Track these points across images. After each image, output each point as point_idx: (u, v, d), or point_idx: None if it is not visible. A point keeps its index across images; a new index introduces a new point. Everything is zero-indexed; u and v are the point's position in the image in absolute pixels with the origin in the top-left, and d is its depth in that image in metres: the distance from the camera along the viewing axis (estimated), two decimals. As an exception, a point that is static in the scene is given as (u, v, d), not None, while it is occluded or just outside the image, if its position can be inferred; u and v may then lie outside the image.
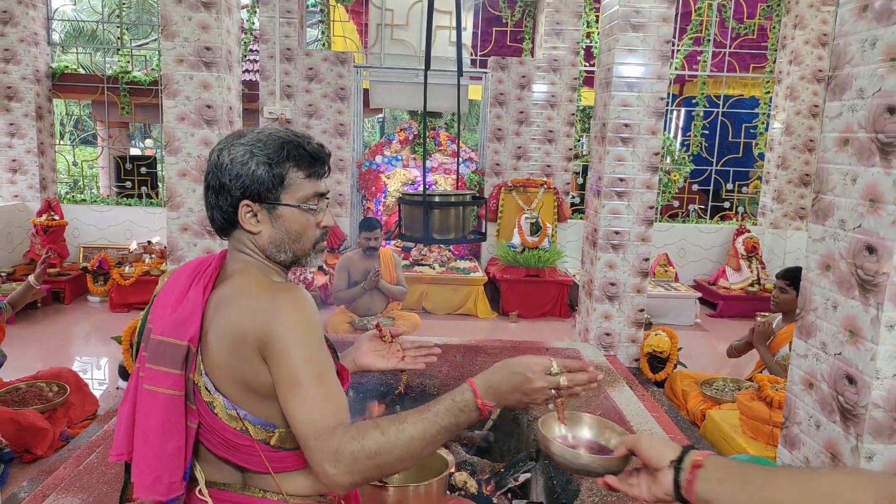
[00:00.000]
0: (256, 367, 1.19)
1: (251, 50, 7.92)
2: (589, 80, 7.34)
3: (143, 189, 7.48)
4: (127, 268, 6.15)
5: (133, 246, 6.49)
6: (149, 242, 6.60)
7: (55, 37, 8.14)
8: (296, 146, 1.27)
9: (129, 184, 7.70)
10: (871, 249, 1.82)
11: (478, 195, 3.47)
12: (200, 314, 1.22)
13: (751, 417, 3.25)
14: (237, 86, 4.53)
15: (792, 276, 3.64)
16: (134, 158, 7.98)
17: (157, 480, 1.19)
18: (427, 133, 7.53)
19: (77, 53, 9.89)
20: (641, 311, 4.52)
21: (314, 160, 1.30)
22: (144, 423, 1.21)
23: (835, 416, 1.96)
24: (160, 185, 8.03)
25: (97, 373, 4.85)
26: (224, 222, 1.30)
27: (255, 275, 1.28)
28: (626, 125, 4.30)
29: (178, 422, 1.21)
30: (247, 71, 8.37)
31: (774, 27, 7.32)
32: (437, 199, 3.26)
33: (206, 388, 1.22)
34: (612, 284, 4.46)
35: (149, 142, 13.91)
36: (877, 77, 1.75)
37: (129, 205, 7.32)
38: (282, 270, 1.34)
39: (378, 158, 7.46)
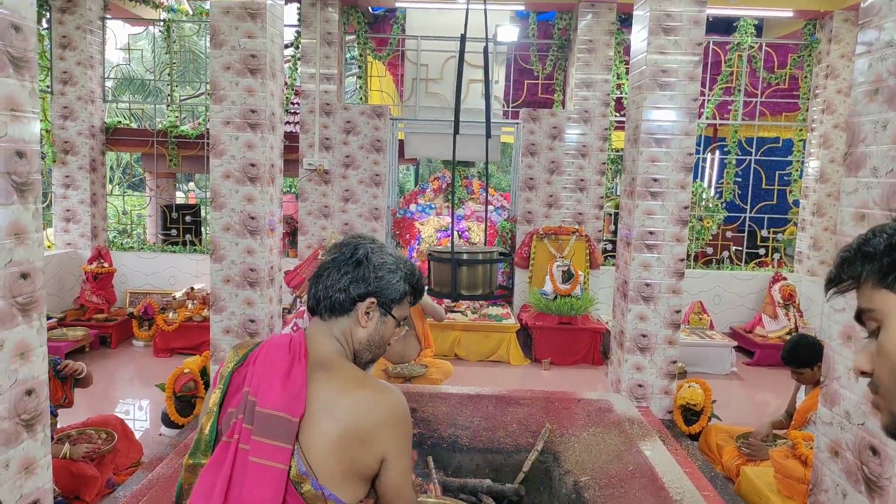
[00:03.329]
0: (364, 459, 1.31)
1: (292, 103, 8.27)
2: (621, 126, 7.45)
3: (188, 237, 7.79)
4: (171, 314, 6.38)
5: (178, 294, 6.74)
6: (191, 289, 6.84)
7: (107, 84, 8.60)
8: (419, 278, 1.53)
9: (174, 231, 8.01)
10: None
11: (505, 252, 3.57)
12: (305, 393, 1.32)
13: (786, 476, 3.22)
14: (279, 144, 4.76)
15: (797, 359, 3.68)
16: (180, 207, 8.33)
17: None
18: (459, 182, 7.71)
19: (129, 104, 10.42)
20: (674, 362, 4.52)
21: (418, 294, 1.54)
22: (251, 496, 1.26)
23: (860, 486, 1.97)
24: (203, 231, 8.35)
25: (139, 414, 5.02)
26: (340, 306, 1.44)
27: (353, 367, 1.43)
28: (655, 179, 4.39)
29: (281, 495, 1.27)
30: (287, 122, 8.73)
31: (806, 77, 7.36)
32: (465, 256, 3.38)
33: (297, 467, 1.29)
34: (644, 336, 4.48)
35: (191, 185, 14.45)
36: (889, 158, 1.82)
37: (174, 251, 7.61)
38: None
39: (412, 207, 7.65)
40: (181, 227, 7.95)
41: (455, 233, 7.64)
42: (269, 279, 4.57)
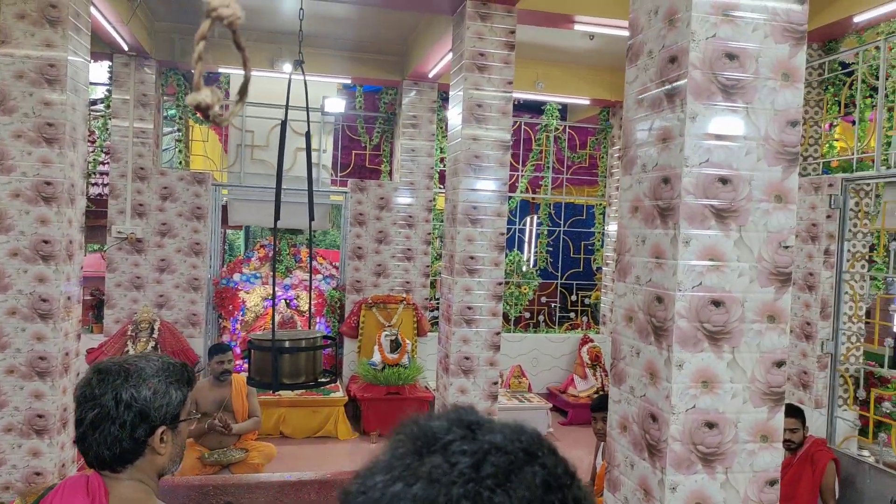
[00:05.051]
0: None
1: (101, 163, 7.69)
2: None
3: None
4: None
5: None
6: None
7: None
8: (186, 370, 1.46)
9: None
10: (659, 299, 2.13)
11: (329, 336, 3.56)
12: None
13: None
14: (80, 218, 4.39)
15: (604, 405, 3.94)
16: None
17: None
18: (287, 250, 7.58)
19: None
20: (493, 432, 4.69)
21: (193, 383, 1.48)
22: None
23: (644, 454, 2.20)
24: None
25: None
26: (132, 453, 1.36)
27: None
28: (472, 257, 4.63)
29: None
30: (95, 184, 8.08)
31: (602, 157, 8.28)
32: (287, 343, 3.31)
33: None
34: (465, 408, 4.62)
35: None
36: (647, 270, 2.12)
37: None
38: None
39: (236, 276, 7.35)
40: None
41: (284, 301, 7.44)
42: (62, 368, 4.12)
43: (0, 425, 3.99)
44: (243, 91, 0.67)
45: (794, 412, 3.91)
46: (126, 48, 6.36)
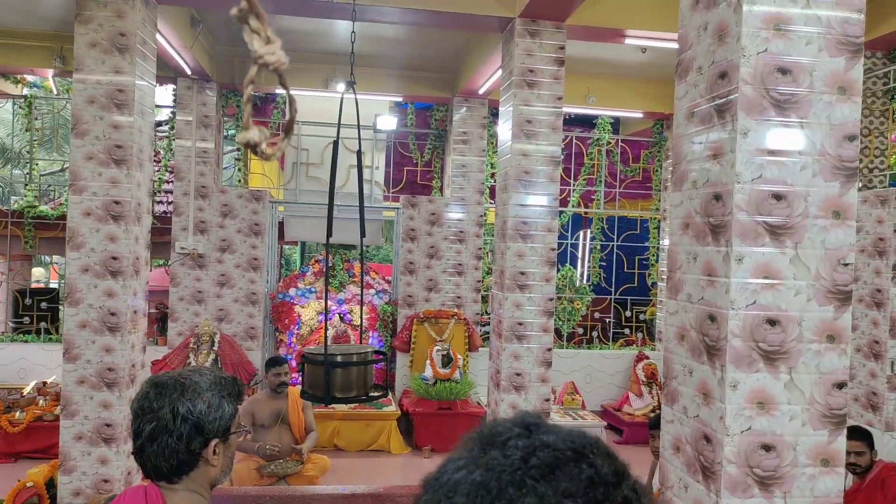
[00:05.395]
0: None
1: (165, 181, 8.03)
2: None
3: (42, 324, 7.19)
4: (17, 413, 5.80)
5: (28, 389, 6.15)
6: (44, 383, 6.28)
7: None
8: (236, 384, 1.52)
9: (27, 319, 7.38)
10: (712, 318, 2.08)
11: (380, 351, 3.61)
12: None
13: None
14: (146, 236, 4.60)
15: (867, 435, 3.82)
16: (34, 292, 7.70)
17: None
18: (341, 265, 7.72)
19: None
20: (545, 449, 4.65)
21: (241, 396, 1.54)
22: None
23: (698, 476, 2.14)
24: (61, 317, 7.73)
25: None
26: (187, 464, 1.42)
27: None
28: (523, 273, 4.63)
29: None
30: (160, 202, 8.43)
31: (657, 170, 8.14)
32: (339, 357, 3.38)
33: None
34: (516, 425, 4.60)
35: (55, 257, 13.33)
36: (699, 288, 2.09)
37: (26, 341, 6.99)
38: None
39: (292, 291, 7.54)
40: (35, 313, 7.34)
41: (338, 315, 7.57)
42: (129, 379, 4.31)
43: (71, 434, 4.19)
44: (289, 129, 0.71)
45: (859, 435, 3.74)
46: (189, 72, 6.65)
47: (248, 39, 0.66)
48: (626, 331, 8.29)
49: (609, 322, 8.19)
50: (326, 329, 2.99)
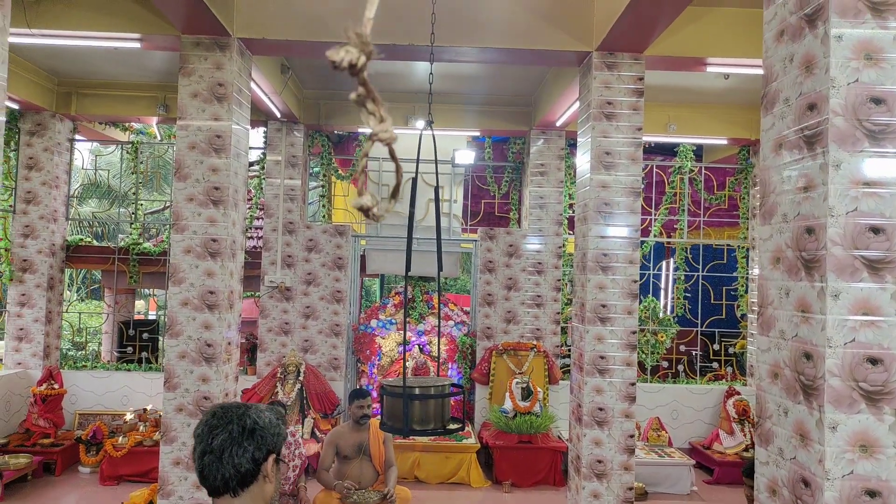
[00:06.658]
0: None
1: (256, 218, 8.45)
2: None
3: (144, 354, 7.66)
4: (120, 438, 6.17)
5: (129, 415, 6.55)
6: (144, 410, 6.66)
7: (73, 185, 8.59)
8: (283, 414, 1.64)
9: (130, 349, 7.88)
10: (807, 356, 1.99)
11: (458, 384, 3.65)
12: None
13: None
14: (239, 271, 4.86)
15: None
16: (137, 324, 8.22)
17: None
18: (420, 297, 7.84)
19: (93, 213, 10.48)
20: (630, 488, 4.52)
21: (286, 423, 1.66)
22: None
23: None
24: (161, 347, 8.21)
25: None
26: (251, 475, 1.55)
27: None
28: (604, 305, 4.57)
29: None
30: (251, 237, 8.87)
31: (744, 198, 7.86)
32: (416, 390, 3.43)
33: None
34: (599, 462, 4.50)
35: (140, 304, 14.26)
36: (793, 324, 2.01)
37: (129, 369, 7.46)
38: None
39: (373, 322, 7.71)
40: (137, 343, 7.83)
41: (417, 346, 7.67)
42: (223, 408, 4.52)
43: (169, 459, 4.43)
44: (395, 193, 0.78)
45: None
46: (279, 115, 7.03)
47: (364, 119, 0.77)
48: (715, 365, 7.96)
49: (696, 355, 7.90)
50: (405, 360, 3.06)
